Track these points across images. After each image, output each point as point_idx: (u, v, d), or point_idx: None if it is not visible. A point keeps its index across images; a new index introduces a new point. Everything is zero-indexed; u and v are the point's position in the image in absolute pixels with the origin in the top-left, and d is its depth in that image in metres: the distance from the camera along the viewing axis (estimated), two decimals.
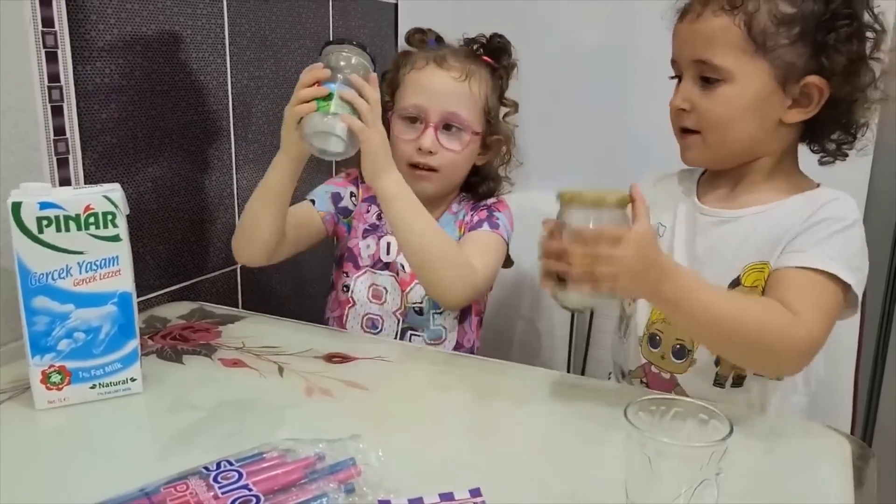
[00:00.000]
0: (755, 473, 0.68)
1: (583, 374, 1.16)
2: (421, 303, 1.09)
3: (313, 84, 0.91)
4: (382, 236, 1.12)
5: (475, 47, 1.13)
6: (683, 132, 0.89)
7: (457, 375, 0.90)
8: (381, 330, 1.11)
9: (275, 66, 1.31)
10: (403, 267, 1.09)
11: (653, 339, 0.91)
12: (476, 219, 1.11)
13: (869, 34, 0.83)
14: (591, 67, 1.44)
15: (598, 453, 0.71)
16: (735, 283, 0.85)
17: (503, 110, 1.14)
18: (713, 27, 0.82)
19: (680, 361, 0.89)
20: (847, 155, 0.88)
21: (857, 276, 0.80)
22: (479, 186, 1.15)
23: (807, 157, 0.91)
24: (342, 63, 0.94)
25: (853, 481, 0.68)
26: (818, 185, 0.88)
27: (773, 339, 0.75)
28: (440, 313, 1.11)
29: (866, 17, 0.82)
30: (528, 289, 1.30)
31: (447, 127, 1.07)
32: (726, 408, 0.64)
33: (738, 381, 0.88)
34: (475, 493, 0.62)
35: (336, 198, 1.14)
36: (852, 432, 1.05)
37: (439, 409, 0.81)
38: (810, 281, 0.78)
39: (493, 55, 1.13)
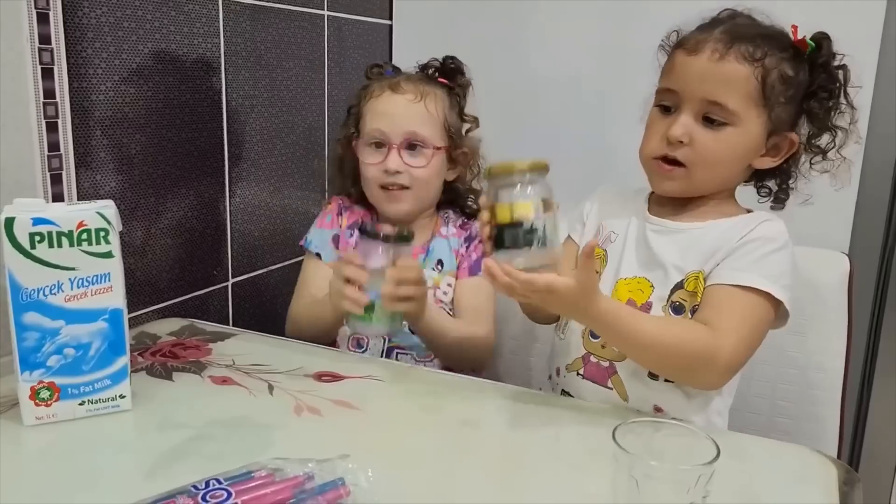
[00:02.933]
0: (742, 497, 0.68)
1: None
2: None
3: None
4: None
5: (430, 71, 1.18)
6: (666, 162, 0.91)
7: (446, 395, 0.90)
8: (365, 350, 1.12)
9: (269, 85, 1.32)
10: None
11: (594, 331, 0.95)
12: (474, 257, 1.14)
13: (843, 109, 0.91)
14: (579, 86, 1.46)
15: (585, 475, 0.71)
16: (678, 286, 0.91)
17: (465, 126, 1.18)
18: (735, 72, 0.87)
19: None
20: (784, 204, 0.98)
21: (787, 294, 0.87)
22: (459, 203, 1.20)
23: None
24: (382, 264, 0.95)
25: (839, 503, 0.68)
26: (749, 211, 0.96)
27: (691, 357, 0.84)
28: None
29: (843, 94, 0.91)
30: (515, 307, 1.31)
31: (411, 147, 1.11)
32: (711, 430, 0.64)
33: None
34: None
35: (336, 240, 1.17)
36: (839, 456, 1.06)
37: (428, 430, 0.81)
38: (741, 299, 0.86)
39: (447, 76, 1.18)
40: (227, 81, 1.23)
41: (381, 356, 1.11)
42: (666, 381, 0.91)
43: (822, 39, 0.91)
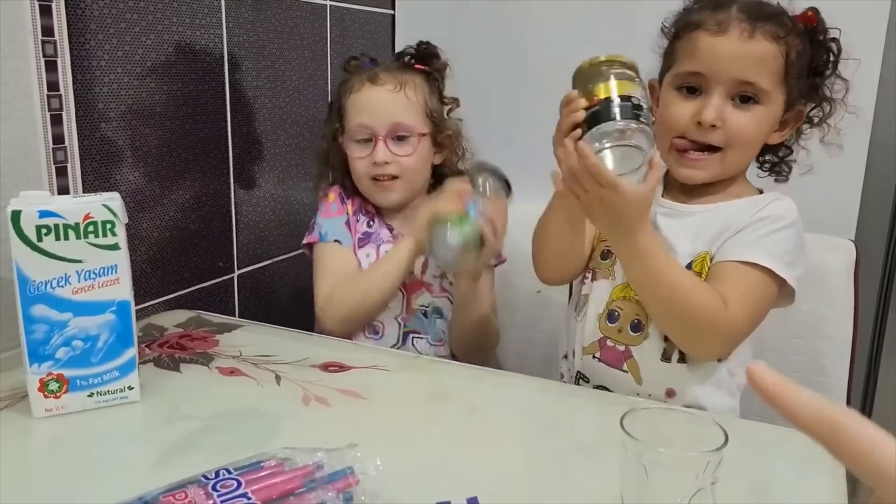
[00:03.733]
0: (750, 482, 0.69)
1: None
2: (427, 306, 1.13)
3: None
4: (380, 245, 1.14)
5: (406, 59, 1.19)
6: (697, 149, 0.91)
7: (453, 384, 0.90)
8: (381, 335, 1.12)
9: (273, 75, 1.32)
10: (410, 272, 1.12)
11: (611, 316, 0.96)
12: None
13: (837, 80, 0.93)
14: None
15: (593, 463, 0.71)
16: (686, 268, 0.91)
17: (446, 109, 1.19)
18: (765, 51, 0.87)
19: (636, 334, 0.94)
20: (787, 178, 0.99)
21: (792, 272, 0.87)
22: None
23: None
24: (486, 185, 1.00)
25: (846, 490, 0.68)
26: (761, 191, 0.97)
27: (701, 311, 0.84)
28: (442, 317, 1.14)
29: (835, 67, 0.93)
30: (523, 288, 1.31)
31: (397, 137, 1.11)
32: (719, 416, 0.64)
33: (683, 359, 0.92)
34: (472, 501, 0.62)
35: (349, 225, 1.17)
36: None
37: (436, 418, 0.81)
38: (745, 274, 0.86)
39: (423, 61, 1.18)
40: (230, 72, 1.22)
41: (397, 341, 1.12)
42: (679, 362, 0.91)
43: (816, 14, 0.91)
